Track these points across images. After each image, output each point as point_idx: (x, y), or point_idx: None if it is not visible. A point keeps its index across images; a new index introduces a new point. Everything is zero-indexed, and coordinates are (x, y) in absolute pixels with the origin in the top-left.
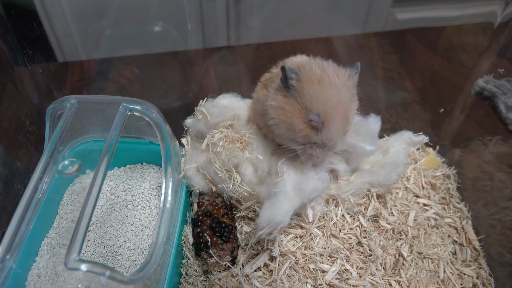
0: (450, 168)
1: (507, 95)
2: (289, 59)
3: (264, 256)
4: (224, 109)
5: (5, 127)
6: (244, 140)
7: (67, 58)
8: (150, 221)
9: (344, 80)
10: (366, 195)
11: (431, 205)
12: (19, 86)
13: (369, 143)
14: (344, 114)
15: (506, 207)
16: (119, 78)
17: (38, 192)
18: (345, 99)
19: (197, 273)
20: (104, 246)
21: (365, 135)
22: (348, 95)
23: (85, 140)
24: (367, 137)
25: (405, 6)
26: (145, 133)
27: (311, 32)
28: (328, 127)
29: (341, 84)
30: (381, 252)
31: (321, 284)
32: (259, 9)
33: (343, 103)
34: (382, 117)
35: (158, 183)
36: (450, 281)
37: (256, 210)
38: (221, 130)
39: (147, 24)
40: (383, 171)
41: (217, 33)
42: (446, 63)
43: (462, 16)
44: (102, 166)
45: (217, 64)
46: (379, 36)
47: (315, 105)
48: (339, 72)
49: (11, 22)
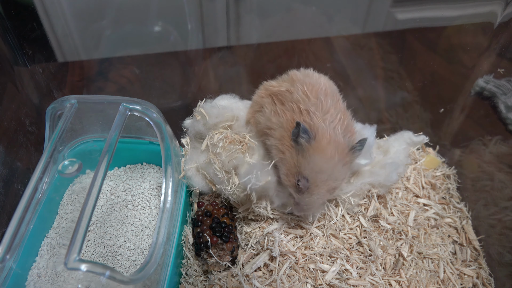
0: (450, 168)
1: (507, 95)
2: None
3: (264, 256)
4: (223, 110)
5: (5, 127)
6: (245, 143)
7: (67, 58)
8: (150, 221)
9: (343, 156)
10: (366, 195)
11: (431, 205)
12: (19, 86)
13: (364, 158)
14: (330, 188)
15: (506, 207)
16: (119, 78)
17: (38, 192)
18: (337, 176)
19: (197, 273)
20: (104, 246)
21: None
22: (342, 171)
23: (85, 140)
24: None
25: (405, 6)
26: (145, 133)
27: (311, 32)
28: (310, 194)
29: (339, 159)
30: (381, 252)
31: (321, 284)
32: (259, 9)
33: (334, 178)
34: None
35: (158, 183)
36: (450, 281)
37: (255, 211)
38: (220, 131)
39: (147, 24)
40: (384, 172)
41: (217, 33)
42: (446, 63)
43: (462, 16)
44: (102, 166)
45: (216, 64)
46: (379, 36)
47: (308, 172)
48: (340, 147)
49: (11, 22)
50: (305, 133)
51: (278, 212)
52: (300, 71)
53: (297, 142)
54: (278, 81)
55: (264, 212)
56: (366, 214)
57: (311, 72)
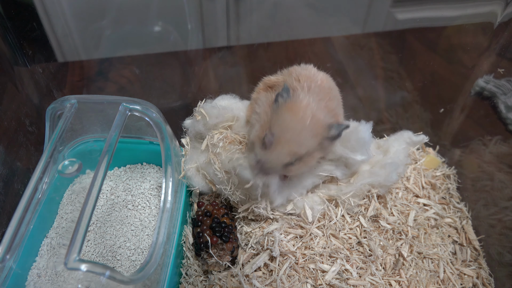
0: (450, 168)
1: (507, 95)
2: (294, 69)
3: (264, 256)
4: (223, 110)
5: (5, 127)
6: (245, 143)
7: (67, 58)
8: (150, 221)
9: (316, 127)
10: (366, 195)
11: (431, 205)
12: (19, 86)
13: (360, 153)
14: (292, 153)
15: (506, 207)
16: (119, 78)
17: (38, 192)
18: (302, 141)
19: (197, 273)
20: (104, 246)
21: (355, 145)
22: (310, 141)
23: (85, 140)
24: (357, 147)
25: (405, 6)
26: (145, 133)
27: (311, 32)
28: (271, 150)
29: (309, 128)
30: (381, 252)
31: (321, 284)
32: (259, 9)
33: (299, 143)
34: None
35: (158, 183)
36: (450, 281)
37: (255, 212)
38: (220, 131)
39: (147, 24)
40: (384, 172)
41: (217, 33)
42: (446, 63)
43: (462, 16)
44: (102, 166)
45: (216, 64)
46: (379, 36)
47: (276, 126)
48: (316, 117)
49: (11, 22)
50: (285, 92)
51: (278, 212)
52: (300, 66)
53: (276, 101)
54: (277, 75)
55: (264, 212)
56: (366, 214)
57: (310, 67)
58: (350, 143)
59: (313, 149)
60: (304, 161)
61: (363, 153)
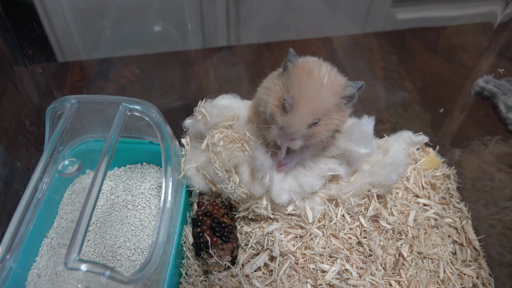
0: (450, 168)
1: (507, 95)
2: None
3: (264, 256)
4: (224, 109)
5: (5, 127)
6: (245, 141)
7: (67, 58)
8: (150, 221)
9: (333, 85)
10: (366, 195)
11: (431, 205)
12: (19, 86)
13: (364, 146)
14: (315, 111)
15: (506, 207)
16: (119, 78)
17: (38, 192)
18: (323, 99)
19: (197, 273)
20: (104, 246)
21: (358, 138)
22: (329, 98)
23: (85, 140)
24: (361, 140)
25: (405, 6)
26: (145, 133)
27: (311, 32)
28: (293, 113)
29: (327, 86)
30: (381, 252)
31: (321, 284)
32: (259, 9)
33: (320, 100)
34: (382, 117)
35: (158, 183)
36: (450, 281)
37: (255, 211)
38: (221, 130)
39: (147, 24)
40: (384, 172)
41: (217, 33)
42: (446, 63)
43: (462, 16)
44: (102, 166)
45: (217, 64)
46: (379, 36)
47: (295, 88)
48: (333, 76)
49: (11, 22)
50: (293, 56)
51: (278, 212)
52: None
53: (286, 68)
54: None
55: (264, 212)
56: (366, 214)
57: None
58: (353, 135)
59: (332, 109)
60: (325, 123)
61: (367, 146)
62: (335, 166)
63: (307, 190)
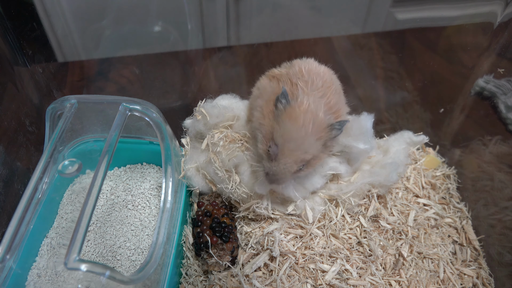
0: (450, 168)
1: (507, 95)
2: (296, 62)
3: (264, 256)
4: (224, 109)
5: (5, 127)
6: (245, 141)
7: (67, 58)
8: (150, 221)
9: (318, 130)
10: (366, 195)
11: (431, 205)
12: (19, 86)
13: (363, 142)
14: (298, 160)
15: (506, 207)
16: (119, 78)
17: (38, 192)
18: (307, 148)
19: (197, 273)
20: (104, 246)
21: (357, 134)
22: (314, 145)
23: (85, 140)
24: (360, 136)
25: (405, 6)
26: (145, 133)
27: (311, 32)
28: (277, 162)
29: (312, 131)
30: (381, 252)
31: (321, 284)
32: (259, 9)
33: (304, 150)
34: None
35: (158, 183)
36: (450, 281)
37: (255, 211)
38: (221, 130)
39: (147, 24)
40: (384, 172)
41: (217, 33)
42: (446, 63)
43: (462, 16)
44: (102, 166)
45: (217, 64)
46: (379, 36)
47: (278, 138)
48: (317, 121)
49: (11, 22)
50: (284, 98)
51: (278, 212)
52: (302, 59)
53: (277, 107)
54: (280, 68)
55: (265, 212)
56: (366, 214)
57: (311, 60)
58: (352, 131)
59: (318, 151)
60: (312, 164)
61: (366, 142)
62: (336, 165)
63: (309, 189)
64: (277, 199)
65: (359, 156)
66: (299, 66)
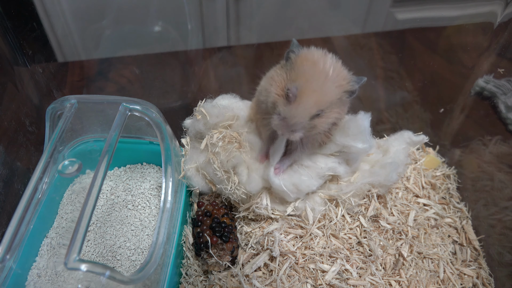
0: (450, 168)
1: (507, 95)
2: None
3: (264, 256)
4: (224, 109)
5: (5, 127)
6: (240, 140)
7: (67, 58)
8: (150, 221)
9: (338, 78)
10: (366, 195)
11: (431, 205)
12: (19, 86)
13: (361, 141)
14: (319, 102)
15: (506, 207)
16: (119, 78)
17: (38, 192)
18: (327, 91)
19: (197, 273)
20: (104, 246)
21: (355, 133)
22: (334, 90)
23: (85, 140)
24: (358, 135)
25: (405, 6)
26: (145, 133)
27: (311, 32)
28: (297, 103)
29: (332, 78)
30: (381, 252)
31: (321, 284)
32: (259, 9)
33: (324, 92)
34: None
35: (158, 183)
36: (450, 281)
37: (255, 211)
38: (220, 131)
39: (147, 24)
40: (384, 172)
41: (217, 33)
42: (446, 63)
43: (462, 16)
44: (102, 166)
45: (216, 64)
46: (379, 36)
47: (299, 78)
48: (338, 69)
49: (11, 22)
50: (296, 47)
51: (278, 212)
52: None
53: (288, 58)
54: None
55: (265, 212)
56: (366, 214)
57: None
58: (350, 130)
59: (335, 102)
60: (326, 115)
61: (364, 141)
62: (335, 165)
63: (303, 190)
64: (276, 199)
65: (358, 155)
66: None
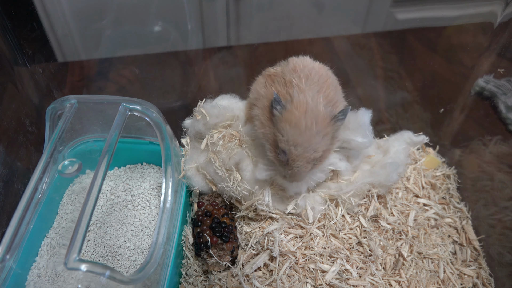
0: (450, 168)
1: (507, 95)
2: (292, 59)
3: (264, 256)
4: (223, 109)
5: (5, 127)
6: (240, 137)
7: (67, 58)
8: (150, 221)
9: (323, 126)
10: (366, 195)
11: (431, 205)
12: (19, 86)
13: (361, 135)
14: (310, 160)
15: (506, 207)
16: (119, 78)
17: (38, 192)
18: (315, 147)
19: (197, 273)
20: (104, 246)
21: (355, 128)
22: (322, 142)
23: (85, 140)
24: (358, 130)
25: (405, 6)
26: (145, 133)
27: (311, 32)
28: (290, 166)
29: (317, 130)
30: (381, 252)
31: (321, 284)
32: (259, 9)
33: (313, 150)
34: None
35: (158, 183)
36: (450, 281)
37: (256, 209)
38: (220, 130)
39: (147, 24)
40: (384, 172)
41: (217, 33)
42: (446, 63)
43: (462, 16)
44: (102, 166)
45: (216, 64)
46: (379, 36)
47: (284, 145)
48: (320, 117)
49: (11, 22)
50: (277, 104)
51: (278, 212)
52: (298, 57)
53: (273, 114)
54: (276, 66)
55: (266, 209)
56: (366, 214)
57: (307, 58)
58: (350, 124)
59: (327, 146)
60: (324, 156)
61: (364, 136)
62: (335, 160)
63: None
64: (277, 195)
65: (359, 152)
66: (294, 63)
